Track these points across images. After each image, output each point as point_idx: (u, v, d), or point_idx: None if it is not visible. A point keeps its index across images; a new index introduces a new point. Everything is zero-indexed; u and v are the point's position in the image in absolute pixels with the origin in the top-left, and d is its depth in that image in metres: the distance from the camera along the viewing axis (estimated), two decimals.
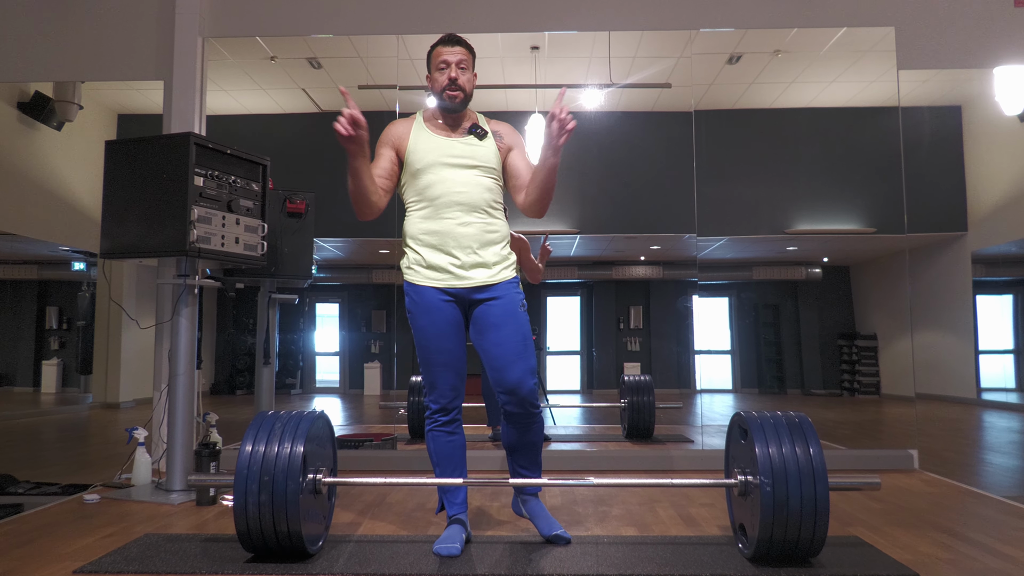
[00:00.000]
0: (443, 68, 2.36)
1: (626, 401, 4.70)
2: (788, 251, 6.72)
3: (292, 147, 4.80)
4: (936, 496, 3.18)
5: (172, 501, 3.05)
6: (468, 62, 2.39)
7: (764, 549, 2.13)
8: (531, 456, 2.47)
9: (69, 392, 7.55)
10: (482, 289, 2.35)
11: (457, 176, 2.34)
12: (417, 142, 2.38)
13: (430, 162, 2.35)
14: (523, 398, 2.33)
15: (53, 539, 2.50)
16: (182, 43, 3.95)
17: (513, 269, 2.43)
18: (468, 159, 2.36)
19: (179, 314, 3.22)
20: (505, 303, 2.35)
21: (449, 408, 2.39)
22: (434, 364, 2.36)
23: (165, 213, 2.99)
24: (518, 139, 2.48)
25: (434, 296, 2.34)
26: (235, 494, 2.17)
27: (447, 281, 2.34)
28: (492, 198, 2.38)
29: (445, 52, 2.37)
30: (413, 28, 4.11)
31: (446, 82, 2.35)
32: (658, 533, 2.58)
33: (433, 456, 2.42)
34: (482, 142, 2.39)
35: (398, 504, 3.04)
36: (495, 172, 2.41)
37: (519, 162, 2.43)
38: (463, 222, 2.33)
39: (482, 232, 2.34)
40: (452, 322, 2.35)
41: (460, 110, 2.40)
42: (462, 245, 2.33)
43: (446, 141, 2.38)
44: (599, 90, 4.65)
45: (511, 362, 2.32)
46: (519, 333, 2.35)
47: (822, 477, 2.09)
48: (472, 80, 2.40)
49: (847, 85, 4.64)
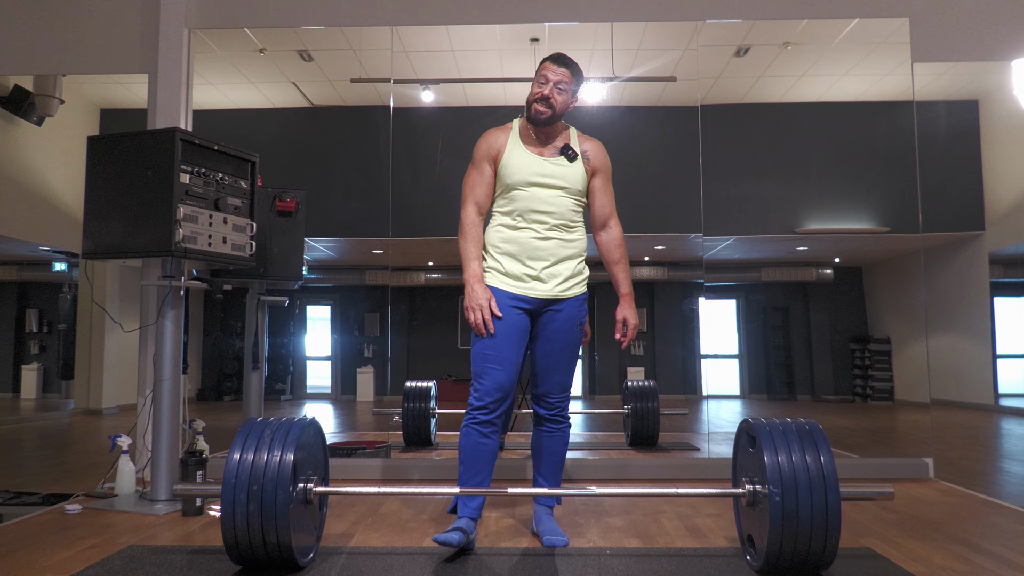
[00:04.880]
0: (542, 83, 2.54)
1: (629, 407, 4.70)
2: (798, 251, 6.72)
3: (282, 143, 4.80)
4: (952, 506, 3.18)
5: (157, 511, 3.04)
6: (568, 85, 2.55)
7: (773, 561, 2.14)
8: (550, 466, 2.68)
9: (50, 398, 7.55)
10: (551, 302, 2.56)
11: (543, 194, 2.54)
12: (511, 157, 2.57)
13: (520, 179, 2.55)
14: (554, 403, 2.62)
15: (33, 551, 2.49)
16: (167, 35, 3.95)
17: (584, 285, 2.62)
18: (556, 179, 2.56)
19: (164, 317, 3.22)
20: (565, 317, 2.57)
21: (491, 408, 2.49)
22: (488, 361, 2.49)
23: (150, 212, 2.99)
24: (605, 161, 2.66)
25: (505, 299, 2.53)
26: (223, 504, 2.17)
27: (519, 289, 2.54)
28: (573, 216, 2.59)
29: (550, 68, 2.55)
30: (408, 19, 4.11)
31: (538, 96, 2.53)
32: (663, 545, 2.58)
33: (462, 452, 2.51)
34: (571, 164, 2.58)
35: (392, 514, 3.04)
36: (580, 193, 2.61)
37: (598, 188, 2.65)
38: (542, 236, 2.54)
39: (558, 247, 2.55)
40: (517, 327, 2.52)
41: (545, 126, 2.56)
42: (538, 258, 2.54)
43: (537, 160, 2.57)
44: (601, 83, 4.66)
45: (552, 372, 2.60)
46: (569, 349, 2.60)
47: (833, 486, 2.10)
48: (567, 103, 2.57)
49: (859, 78, 4.64)
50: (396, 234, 4.26)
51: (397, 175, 4.28)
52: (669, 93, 4.76)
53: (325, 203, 4.61)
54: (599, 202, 2.64)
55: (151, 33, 4.03)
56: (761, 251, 6.64)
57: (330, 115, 4.94)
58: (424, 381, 4.82)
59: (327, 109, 4.93)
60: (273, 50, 4.43)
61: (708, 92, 4.53)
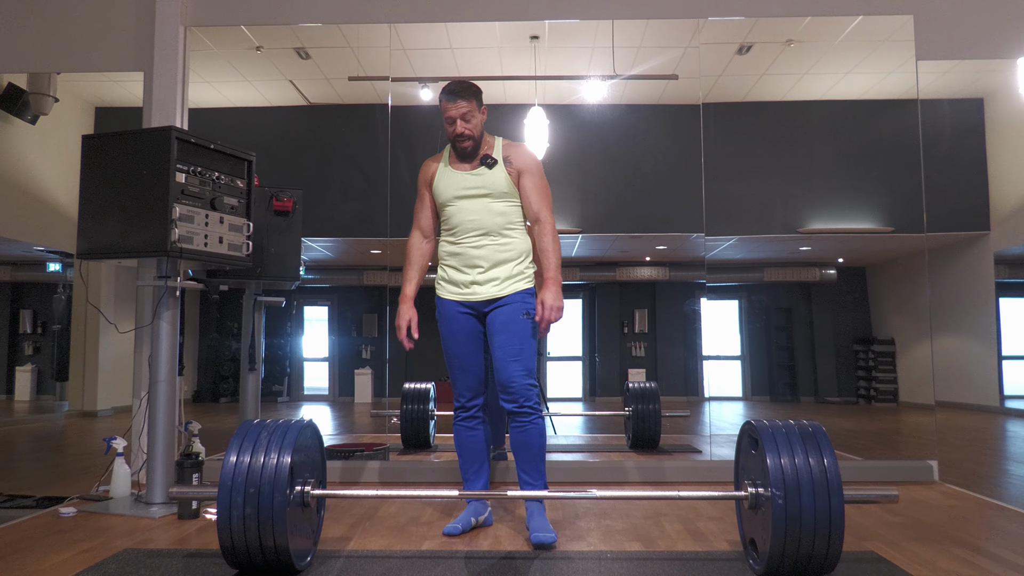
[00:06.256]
0: (450, 124, 2.75)
1: (630, 409, 4.70)
2: (801, 251, 6.73)
3: (279, 142, 4.80)
4: (957, 509, 3.19)
5: (152, 514, 3.04)
6: (472, 109, 2.74)
7: (776, 565, 2.14)
8: (531, 461, 2.73)
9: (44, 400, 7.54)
10: (492, 302, 2.78)
11: (471, 205, 2.78)
12: (440, 179, 2.84)
13: (449, 196, 2.81)
14: (515, 392, 2.69)
15: (27, 555, 2.49)
16: (163, 32, 3.95)
17: (527, 280, 2.81)
18: (479, 188, 2.78)
19: (160, 318, 3.22)
20: (508, 310, 2.75)
21: (468, 406, 2.86)
22: (453, 367, 2.85)
23: (145, 211, 2.99)
24: (528, 162, 2.83)
25: (453, 308, 2.82)
26: (219, 507, 2.17)
27: (463, 296, 2.80)
28: (505, 221, 2.79)
29: (449, 108, 2.74)
30: (406, 16, 4.12)
31: (454, 135, 2.76)
32: (664, 548, 2.58)
33: (457, 447, 2.89)
34: (492, 171, 2.78)
35: (391, 517, 3.04)
36: (508, 195, 2.80)
37: (527, 187, 2.82)
38: (477, 244, 2.77)
39: (494, 252, 2.77)
40: (467, 331, 2.82)
41: (473, 154, 2.80)
42: (476, 265, 2.77)
43: (460, 176, 2.81)
44: (602, 82, 4.66)
45: (507, 362, 2.70)
46: (517, 337, 2.73)
47: (837, 489, 2.10)
48: (480, 122, 2.79)
49: (863, 76, 4.65)
50: (394, 234, 4.25)
51: (395, 174, 4.28)
52: (671, 91, 4.76)
53: (323, 203, 4.61)
54: (527, 199, 2.81)
55: (146, 31, 4.03)
56: (764, 251, 6.64)
57: (328, 114, 4.94)
58: (423, 383, 4.82)
59: (325, 107, 4.93)
60: (270, 48, 4.44)
61: (710, 90, 4.53)
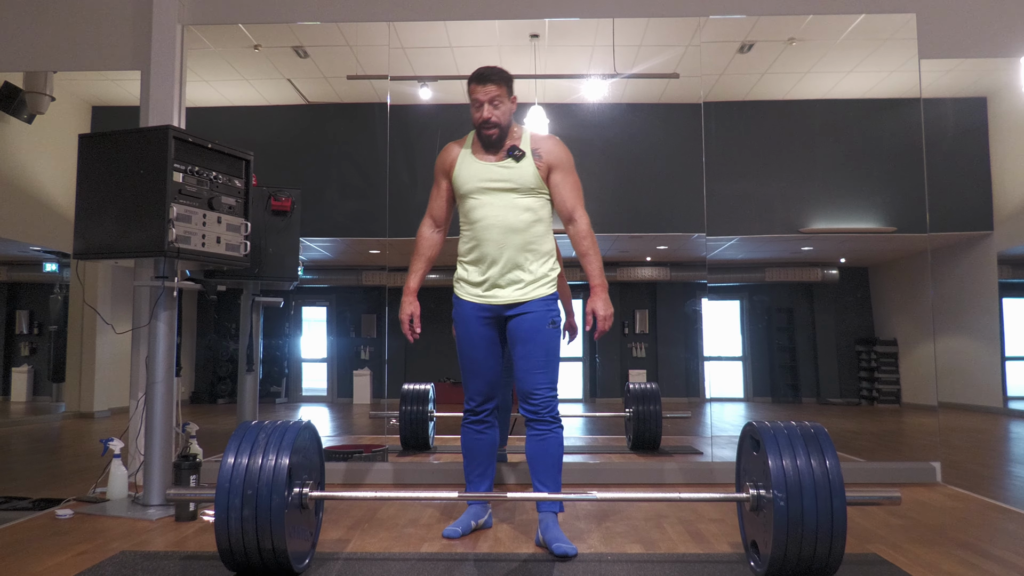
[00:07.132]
0: (477, 108, 2.62)
1: (631, 411, 4.70)
2: (803, 251, 6.72)
3: (277, 141, 4.80)
4: (960, 511, 3.19)
5: (150, 516, 3.04)
6: (501, 95, 2.62)
7: (777, 567, 2.14)
8: (548, 471, 2.65)
9: (40, 401, 7.55)
10: (514, 306, 2.65)
11: (496, 200, 2.62)
12: (461, 168, 2.69)
13: (471, 188, 2.65)
14: (537, 403, 2.62)
15: (23, 557, 2.49)
16: (160, 30, 3.95)
17: (551, 286, 2.67)
18: (506, 182, 2.62)
19: (157, 318, 3.22)
20: (533, 319, 2.63)
21: (478, 410, 2.76)
22: (466, 370, 2.75)
23: (142, 211, 2.99)
24: (560, 156, 2.66)
25: (471, 310, 2.69)
26: (216, 509, 2.17)
27: (483, 299, 2.67)
28: (532, 218, 2.64)
29: (478, 91, 2.61)
30: (406, 15, 4.12)
31: (481, 120, 2.62)
32: (665, 550, 2.58)
33: (463, 449, 2.82)
34: (519, 163, 2.63)
35: (389, 520, 3.04)
36: (535, 191, 2.65)
37: (558, 183, 2.65)
38: (500, 244, 2.61)
39: (518, 253, 2.62)
40: (484, 336, 2.70)
41: (500, 141, 2.65)
42: (498, 265, 2.62)
43: (485, 167, 2.65)
44: (602, 80, 4.66)
45: (531, 373, 2.62)
46: (542, 348, 2.63)
47: (839, 491, 2.10)
48: (508, 111, 2.64)
49: (865, 75, 4.65)
50: (393, 234, 4.25)
51: (394, 174, 4.28)
52: (672, 90, 4.76)
53: (321, 202, 4.61)
54: (559, 196, 2.66)
55: (144, 29, 4.03)
56: (765, 251, 6.65)
57: (326, 113, 4.94)
58: (422, 384, 4.82)
59: (323, 106, 4.93)
60: (268, 46, 4.44)
61: (711, 89, 4.54)
